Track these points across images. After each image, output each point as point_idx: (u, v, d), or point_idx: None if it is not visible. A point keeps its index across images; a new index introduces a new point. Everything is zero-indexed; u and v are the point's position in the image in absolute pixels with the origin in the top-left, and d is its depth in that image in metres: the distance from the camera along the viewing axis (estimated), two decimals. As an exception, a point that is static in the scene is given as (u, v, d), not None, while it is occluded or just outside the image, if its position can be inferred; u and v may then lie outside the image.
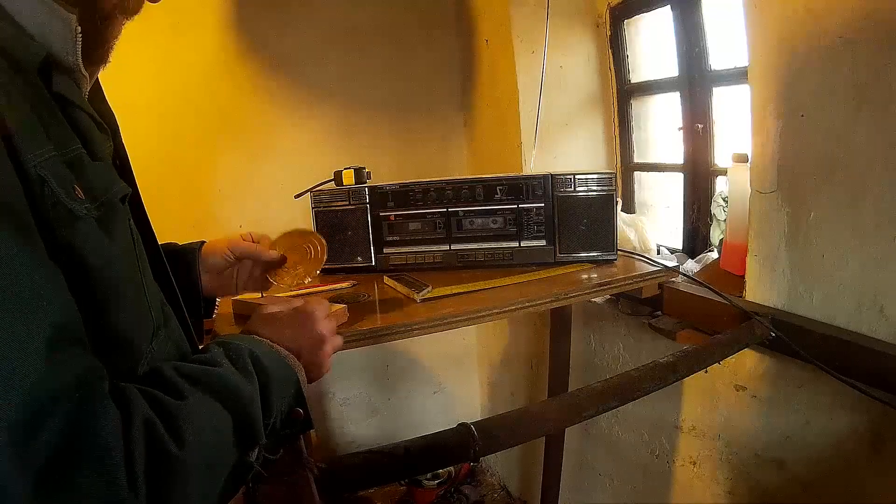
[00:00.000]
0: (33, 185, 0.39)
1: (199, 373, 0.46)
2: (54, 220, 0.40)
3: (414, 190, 1.25)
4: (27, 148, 0.39)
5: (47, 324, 0.35)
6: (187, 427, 0.40)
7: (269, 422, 0.50)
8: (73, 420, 0.34)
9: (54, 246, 0.39)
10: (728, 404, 1.17)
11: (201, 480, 0.41)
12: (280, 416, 0.52)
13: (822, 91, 0.91)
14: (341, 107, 1.99)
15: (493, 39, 1.81)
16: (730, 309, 1.06)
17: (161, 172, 1.82)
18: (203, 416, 0.43)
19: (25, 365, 0.33)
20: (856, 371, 0.87)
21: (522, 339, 2.04)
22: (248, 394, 0.47)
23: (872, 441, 0.90)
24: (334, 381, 2.20)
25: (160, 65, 1.77)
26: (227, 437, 0.45)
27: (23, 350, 0.34)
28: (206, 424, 0.42)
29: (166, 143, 1.81)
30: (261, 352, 0.53)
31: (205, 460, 0.41)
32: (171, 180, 1.83)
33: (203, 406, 0.43)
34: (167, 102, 1.80)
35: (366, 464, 0.67)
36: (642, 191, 1.70)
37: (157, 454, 0.37)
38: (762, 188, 1.03)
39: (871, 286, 0.88)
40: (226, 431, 0.44)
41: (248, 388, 0.48)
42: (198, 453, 0.40)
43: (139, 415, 0.37)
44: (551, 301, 1.08)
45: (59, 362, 0.35)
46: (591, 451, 1.71)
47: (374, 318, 0.99)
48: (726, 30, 1.28)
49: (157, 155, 1.81)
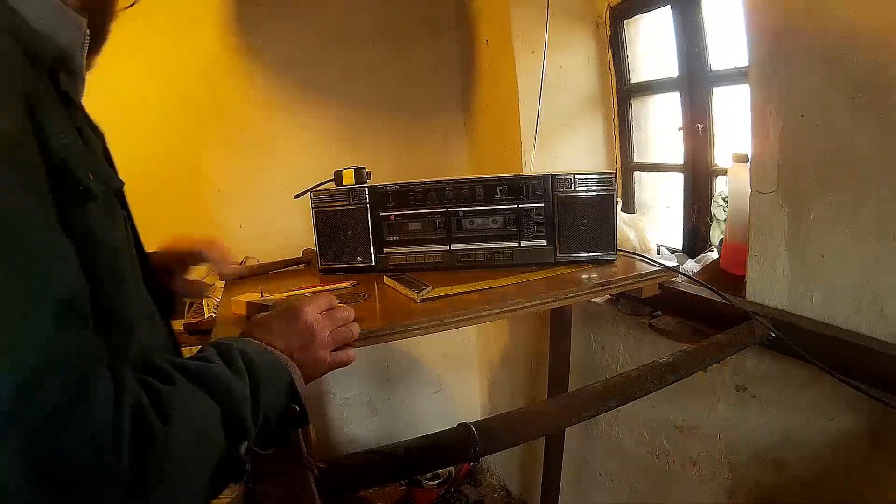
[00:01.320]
0: (55, 161, 0.42)
1: (192, 367, 0.47)
2: (69, 198, 0.43)
3: (414, 190, 1.25)
4: (50, 130, 0.43)
5: (57, 291, 0.38)
6: (174, 408, 0.41)
7: (258, 417, 0.50)
8: (68, 386, 0.36)
9: (64, 223, 0.41)
10: (728, 404, 1.17)
11: (185, 463, 0.42)
12: (274, 414, 0.53)
13: (822, 91, 0.91)
14: (341, 107, 1.99)
15: (493, 40, 1.81)
16: (730, 309, 1.06)
17: (161, 172, 1.82)
18: (190, 402, 0.44)
19: (31, 327, 0.36)
20: (856, 371, 0.87)
21: (522, 339, 2.04)
22: (238, 389, 0.48)
23: (872, 441, 0.90)
24: (334, 381, 2.20)
25: (161, 65, 1.78)
26: (214, 427, 0.45)
27: (34, 310, 0.36)
28: (192, 410, 0.44)
29: (166, 143, 1.81)
30: (253, 352, 0.54)
31: (189, 443, 0.42)
32: (171, 180, 1.84)
33: (192, 395, 0.45)
34: (167, 102, 1.80)
35: (366, 464, 0.67)
36: (642, 191, 1.70)
37: (142, 427, 0.38)
38: (762, 188, 1.03)
39: (871, 286, 0.88)
40: (213, 421, 0.45)
41: (238, 384, 0.49)
42: (182, 435, 0.41)
43: (130, 392, 0.39)
44: (551, 301, 1.08)
45: (64, 329, 0.37)
46: (591, 451, 1.71)
47: (374, 318, 0.99)
48: (726, 30, 1.28)
49: (157, 155, 1.81)
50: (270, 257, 1.46)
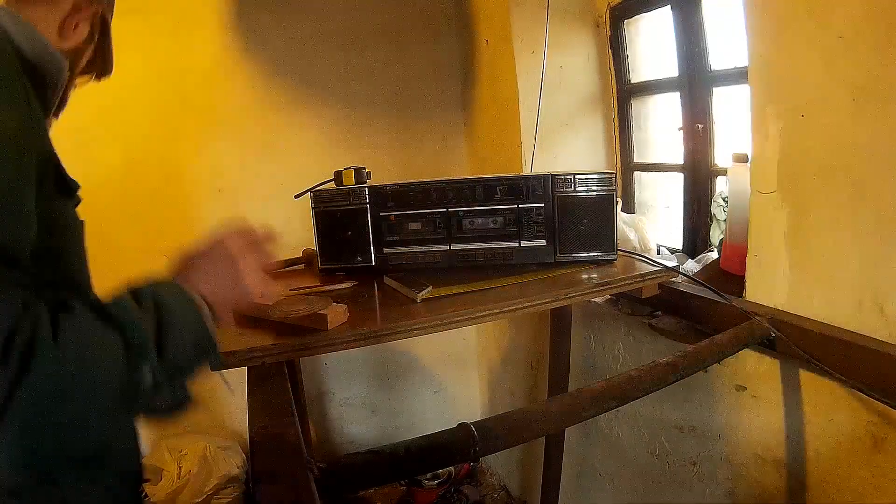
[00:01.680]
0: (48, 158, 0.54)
1: (99, 303, 0.53)
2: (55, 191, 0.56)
3: (414, 190, 1.25)
4: (44, 133, 0.56)
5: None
6: (68, 330, 0.46)
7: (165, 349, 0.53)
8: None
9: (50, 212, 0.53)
10: (728, 404, 1.17)
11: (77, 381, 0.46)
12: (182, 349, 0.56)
13: (822, 91, 0.91)
14: (341, 107, 1.99)
15: (493, 40, 1.81)
16: (730, 309, 1.06)
17: (161, 172, 1.82)
18: (87, 327, 0.49)
19: None
20: (856, 371, 0.87)
21: (522, 339, 2.04)
22: (143, 322, 0.52)
23: (872, 441, 0.90)
24: (334, 381, 2.20)
25: (161, 65, 1.78)
26: (113, 353, 0.49)
27: None
28: (88, 333, 0.48)
29: (166, 143, 1.82)
30: (165, 291, 0.57)
31: (81, 361, 0.47)
32: (171, 180, 1.84)
33: (91, 323, 0.49)
34: (167, 102, 1.80)
35: (366, 464, 0.67)
36: (642, 191, 1.70)
37: (33, 341, 0.43)
38: (762, 188, 1.03)
39: (871, 286, 0.88)
40: (112, 347, 0.49)
41: (144, 316, 0.53)
42: (73, 353, 0.46)
43: (33, 313, 0.44)
44: (551, 301, 1.08)
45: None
46: (591, 452, 1.71)
47: (374, 318, 0.99)
48: (726, 30, 1.28)
49: (157, 155, 1.81)
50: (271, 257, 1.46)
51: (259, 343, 0.88)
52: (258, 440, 0.68)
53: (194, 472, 1.72)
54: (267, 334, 0.92)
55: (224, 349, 0.86)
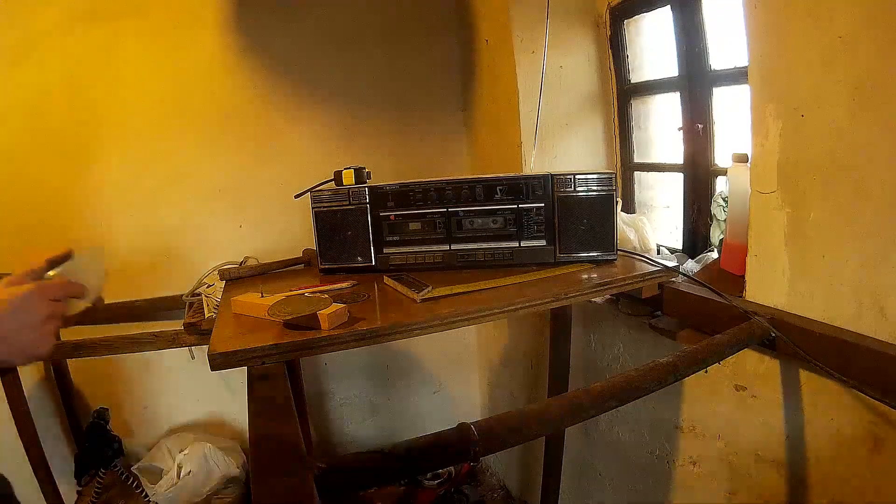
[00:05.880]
0: None
1: None
2: None
3: (414, 190, 1.25)
4: None
5: None
6: None
7: None
8: None
9: None
10: (728, 404, 1.17)
11: None
12: None
13: (822, 91, 0.91)
14: (341, 107, 1.99)
15: (493, 39, 1.81)
16: (730, 309, 1.06)
17: (161, 172, 1.82)
18: None
19: None
20: (856, 371, 0.86)
21: (522, 339, 2.04)
22: None
23: (872, 441, 0.90)
24: (334, 381, 2.20)
25: (161, 65, 1.78)
26: None
27: None
28: None
29: (166, 143, 1.81)
30: None
31: None
32: (171, 180, 1.84)
33: None
34: (167, 102, 1.80)
35: (366, 464, 0.67)
36: (642, 191, 1.70)
37: None
38: (762, 188, 1.03)
39: (872, 286, 0.88)
40: None
41: None
42: None
43: None
44: (551, 301, 1.08)
45: None
46: (591, 452, 1.71)
47: (374, 318, 0.99)
48: (726, 30, 1.28)
49: (157, 155, 1.81)
50: (270, 257, 1.47)
51: (259, 343, 0.88)
52: (258, 440, 0.68)
53: (194, 472, 1.72)
54: (267, 334, 0.92)
55: (224, 349, 0.87)
